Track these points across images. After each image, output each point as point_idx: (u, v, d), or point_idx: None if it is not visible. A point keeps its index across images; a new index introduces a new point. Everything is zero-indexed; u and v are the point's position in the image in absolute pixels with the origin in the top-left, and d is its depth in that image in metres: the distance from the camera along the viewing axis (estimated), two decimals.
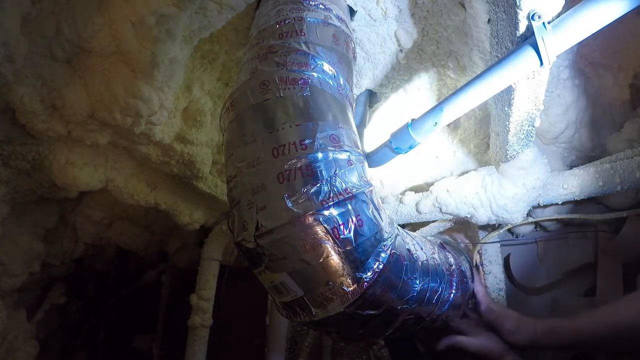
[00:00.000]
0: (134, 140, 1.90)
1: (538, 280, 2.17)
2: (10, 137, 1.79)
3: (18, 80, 1.54)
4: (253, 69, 1.27)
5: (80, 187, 2.01)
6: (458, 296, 1.74)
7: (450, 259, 1.77)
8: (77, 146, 1.92)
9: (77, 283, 3.68)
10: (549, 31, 0.95)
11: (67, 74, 1.63)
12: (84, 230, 2.81)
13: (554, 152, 1.88)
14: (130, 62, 1.60)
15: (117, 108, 1.67)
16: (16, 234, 2.42)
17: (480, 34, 1.39)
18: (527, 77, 1.15)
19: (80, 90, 1.65)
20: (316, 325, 1.26)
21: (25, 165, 1.97)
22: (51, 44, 1.54)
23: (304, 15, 1.35)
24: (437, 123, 1.27)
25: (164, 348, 3.49)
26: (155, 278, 3.81)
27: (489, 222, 1.72)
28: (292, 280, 1.12)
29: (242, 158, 1.17)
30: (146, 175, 2.26)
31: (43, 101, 1.63)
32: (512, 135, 1.41)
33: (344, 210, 1.10)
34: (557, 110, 1.71)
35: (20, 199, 2.20)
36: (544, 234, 2.15)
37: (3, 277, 2.40)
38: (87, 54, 1.61)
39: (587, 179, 1.60)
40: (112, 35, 1.57)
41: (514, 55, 1.04)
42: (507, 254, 2.20)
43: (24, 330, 2.59)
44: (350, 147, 1.21)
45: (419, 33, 1.61)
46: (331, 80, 1.27)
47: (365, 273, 1.11)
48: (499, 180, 1.62)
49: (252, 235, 1.11)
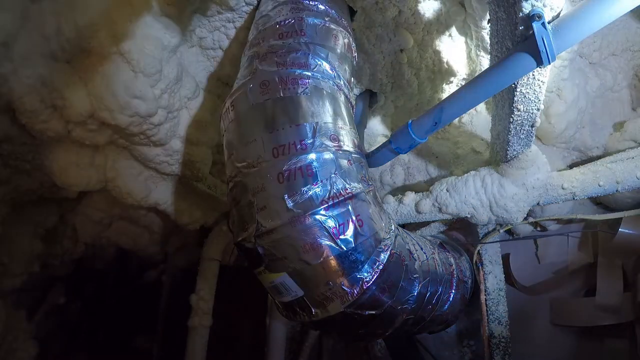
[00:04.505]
0: (133, 140, 1.90)
1: (538, 280, 2.17)
2: (10, 136, 1.79)
3: (18, 80, 1.54)
4: (253, 69, 1.27)
5: (80, 187, 2.01)
6: (458, 296, 1.74)
7: (450, 259, 1.77)
8: (77, 146, 1.92)
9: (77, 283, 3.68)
10: (549, 31, 0.95)
11: (67, 74, 1.63)
12: (84, 230, 2.81)
13: (554, 152, 1.88)
14: (130, 62, 1.60)
15: (117, 108, 1.67)
16: (16, 234, 2.42)
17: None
18: (527, 77, 1.15)
19: (80, 90, 1.65)
20: (316, 325, 1.27)
21: (25, 165, 1.97)
22: (51, 44, 1.54)
23: (304, 15, 1.35)
24: (438, 123, 1.27)
25: (164, 348, 3.49)
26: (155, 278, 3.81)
27: (489, 222, 1.72)
28: (292, 280, 1.12)
29: (242, 158, 1.17)
30: (146, 175, 2.25)
31: (43, 101, 1.63)
32: (512, 135, 1.41)
33: (344, 210, 1.10)
34: (557, 110, 1.70)
35: (20, 199, 2.20)
36: (544, 234, 2.15)
37: (3, 277, 2.40)
38: (87, 54, 1.61)
39: (587, 179, 1.60)
40: (112, 35, 1.57)
41: (514, 55, 1.04)
42: (507, 253, 2.20)
43: (24, 330, 2.59)
44: (350, 147, 1.21)
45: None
46: (331, 81, 1.27)
47: (365, 273, 1.11)
48: (499, 180, 1.62)
49: (252, 235, 1.11)
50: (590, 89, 1.78)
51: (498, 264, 1.95)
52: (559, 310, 2.08)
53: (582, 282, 2.06)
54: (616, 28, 1.72)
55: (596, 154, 1.86)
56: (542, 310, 2.13)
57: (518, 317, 2.08)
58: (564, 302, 2.07)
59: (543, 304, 2.13)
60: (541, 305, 2.13)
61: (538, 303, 2.14)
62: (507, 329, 1.86)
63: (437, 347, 2.35)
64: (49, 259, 2.83)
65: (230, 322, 3.23)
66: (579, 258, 2.08)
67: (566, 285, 2.10)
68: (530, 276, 2.19)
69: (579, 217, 1.85)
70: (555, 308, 2.10)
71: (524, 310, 2.16)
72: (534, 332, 2.14)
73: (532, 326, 2.15)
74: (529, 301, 2.15)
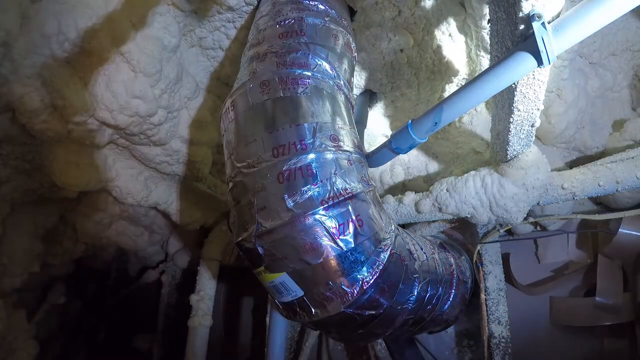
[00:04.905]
0: (134, 140, 1.90)
1: (538, 280, 2.17)
2: (10, 136, 1.79)
3: (18, 80, 1.54)
4: (253, 69, 1.27)
5: (80, 187, 2.01)
6: (458, 296, 1.74)
7: (450, 259, 1.77)
8: (77, 146, 1.92)
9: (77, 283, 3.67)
10: (549, 31, 0.95)
11: (67, 74, 1.63)
12: (83, 230, 2.81)
13: (554, 152, 1.88)
14: (130, 61, 1.60)
15: (117, 108, 1.67)
16: (16, 234, 2.42)
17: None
18: (527, 77, 1.15)
19: (80, 90, 1.65)
20: (316, 325, 1.27)
21: (25, 165, 1.97)
22: (51, 43, 1.54)
23: (304, 15, 1.35)
24: (438, 123, 1.27)
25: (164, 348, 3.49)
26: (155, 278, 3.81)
27: (489, 222, 1.72)
28: (292, 280, 1.12)
29: (242, 158, 1.17)
30: (146, 175, 2.25)
31: (43, 101, 1.63)
32: (512, 135, 1.41)
33: (344, 210, 1.10)
34: (557, 110, 1.71)
35: (20, 199, 2.19)
36: (544, 233, 2.15)
37: (3, 277, 2.40)
38: (87, 54, 1.61)
39: (587, 179, 1.60)
40: (112, 35, 1.57)
41: (514, 55, 1.04)
42: (507, 253, 2.20)
43: (24, 330, 2.59)
44: (350, 147, 1.21)
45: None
46: (331, 81, 1.27)
47: (365, 273, 1.11)
48: (499, 180, 1.62)
49: (252, 235, 1.11)
50: (590, 89, 1.78)
51: (498, 264, 1.96)
52: (559, 310, 2.08)
53: (582, 282, 2.06)
54: (616, 28, 1.72)
55: (596, 154, 1.86)
56: (542, 310, 2.13)
57: (518, 317, 2.09)
58: (564, 302, 2.07)
59: (543, 304, 2.13)
60: (541, 305, 2.14)
61: (538, 303, 2.14)
62: (507, 329, 1.86)
63: (437, 347, 2.35)
64: (49, 259, 2.83)
65: (230, 322, 3.23)
66: (579, 258, 2.09)
67: (566, 285, 2.10)
68: (530, 276, 2.19)
69: (579, 216, 1.86)
70: (555, 308, 2.10)
71: (524, 310, 2.16)
72: (534, 332, 2.15)
73: (532, 326, 2.15)
74: (529, 301, 2.15)
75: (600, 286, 1.91)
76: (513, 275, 2.17)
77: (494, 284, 1.92)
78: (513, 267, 2.18)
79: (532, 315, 2.16)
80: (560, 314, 2.07)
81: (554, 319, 2.10)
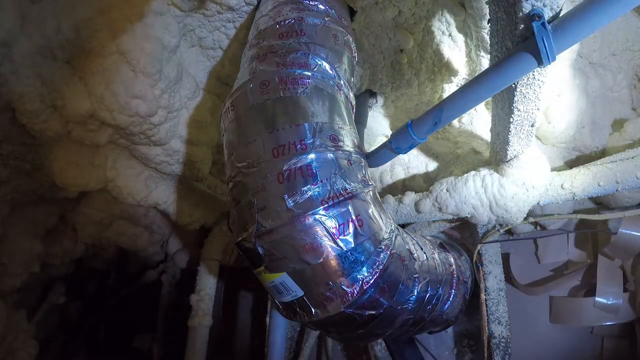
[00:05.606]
0: (134, 140, 1.90)
1: (538, 280, 2.17)
2: (10, 136, 1.79)
3: (18, 80, 1.54)
4: (253, 69, 1.27)
5: (80, 187, 2.01)
6: (458, 296, 1.74)
7: (450, 259, 1.77)
8: (77, 146, 1.92)
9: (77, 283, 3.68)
10: (549, 31, 0.95)
11: (67, 74, 1.63)
12: (84, 230, 2.81)
13: (554, 152, 1.88)
14: (130, 61, 1.60)
15: (117, 108, 1.67)
16: (16, 234, 2.42)
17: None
18: (527, 77, 1.15)
19: (80, 90, 1.65)
20: (316, 325, 1.27)
21: (25, 165, 1.97)
22: (51, 43, 1.54)
23: (304, 15, 1.35)
24: (438, 123, 1.27)
25: (164, 348, 3.49)
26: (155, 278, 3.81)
27: (489, 222, 1.72)
28: (292, 280, 1.12)
29: (242, 158, 1.17)
30: (146, 175, 2.25)
31: (43, 101, 1.63)
32: (512, 135, 1.41)
33: (344, 210, 1.10)
34: (557, 110, 1.71)
35: (20, 199, 2.20)
36: (544, 233, 2.15)
37: (3, 277, 2.40)
38: (87, 54, 1.61)
39: (587, 179, 1.60)
40: (112, 35, 1.57)
41: (514, 55, 1.03)
42: (507, 253, 2.20)
43: (24, 330, 2.59)
44: (350, 147, 1.21)
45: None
46: (331, 81, 1.27)
47: (365, 273, 1.11)
48: (499, 180, 1.62)
49: (252, 235, 1.11)
50: (591, 89, 1.78)
51: (498, 264, 1.95)
52: (559, 310, 2.08)
53: (582, 282, 2.06)
54: (616, 28, 1.72)
55: (596, 153, 1.86)
56: (542, 310, 2.13)
57: (518, 317, 2.09)
58: (564, 301, 2.08)
59: (543, 304, 2.14)
60: (541, 305, 2.14)
61: (538, 303, 2.14)
62: (507, 329, 1.86)
63: (437, 347, 2.36)
64: (49, 259, 2.83)
65: (230, 322, 3.23)
66: (578, 258, 2.09)
67: (566, 285, 2.10)
68: (530, 276, 2.19)
69: (579, 216, 1.86)
70: (555, 308, 2.10)
71: (524, 310, 2.16)
72: (534, 332, 2.15)
73: (532, 326, 2.15)
74: (529, 301, 2.15)
75: (600, 286, 1.91)
76: (513, 275, 2.17)
77: (494, 284, 1.92)
78: (513, 267, 2.18)
79: (532, 315, 2.16)
80: (560, 314, 2.08)
81: (554, 319, 2.10)
